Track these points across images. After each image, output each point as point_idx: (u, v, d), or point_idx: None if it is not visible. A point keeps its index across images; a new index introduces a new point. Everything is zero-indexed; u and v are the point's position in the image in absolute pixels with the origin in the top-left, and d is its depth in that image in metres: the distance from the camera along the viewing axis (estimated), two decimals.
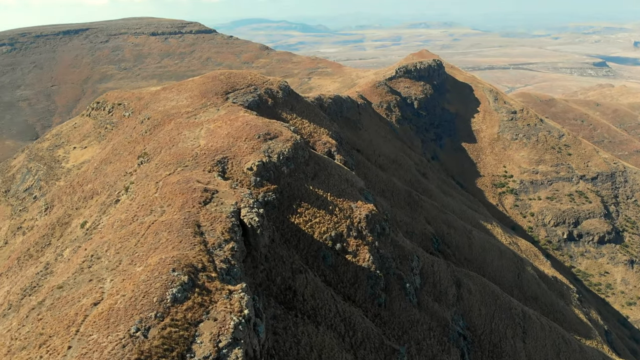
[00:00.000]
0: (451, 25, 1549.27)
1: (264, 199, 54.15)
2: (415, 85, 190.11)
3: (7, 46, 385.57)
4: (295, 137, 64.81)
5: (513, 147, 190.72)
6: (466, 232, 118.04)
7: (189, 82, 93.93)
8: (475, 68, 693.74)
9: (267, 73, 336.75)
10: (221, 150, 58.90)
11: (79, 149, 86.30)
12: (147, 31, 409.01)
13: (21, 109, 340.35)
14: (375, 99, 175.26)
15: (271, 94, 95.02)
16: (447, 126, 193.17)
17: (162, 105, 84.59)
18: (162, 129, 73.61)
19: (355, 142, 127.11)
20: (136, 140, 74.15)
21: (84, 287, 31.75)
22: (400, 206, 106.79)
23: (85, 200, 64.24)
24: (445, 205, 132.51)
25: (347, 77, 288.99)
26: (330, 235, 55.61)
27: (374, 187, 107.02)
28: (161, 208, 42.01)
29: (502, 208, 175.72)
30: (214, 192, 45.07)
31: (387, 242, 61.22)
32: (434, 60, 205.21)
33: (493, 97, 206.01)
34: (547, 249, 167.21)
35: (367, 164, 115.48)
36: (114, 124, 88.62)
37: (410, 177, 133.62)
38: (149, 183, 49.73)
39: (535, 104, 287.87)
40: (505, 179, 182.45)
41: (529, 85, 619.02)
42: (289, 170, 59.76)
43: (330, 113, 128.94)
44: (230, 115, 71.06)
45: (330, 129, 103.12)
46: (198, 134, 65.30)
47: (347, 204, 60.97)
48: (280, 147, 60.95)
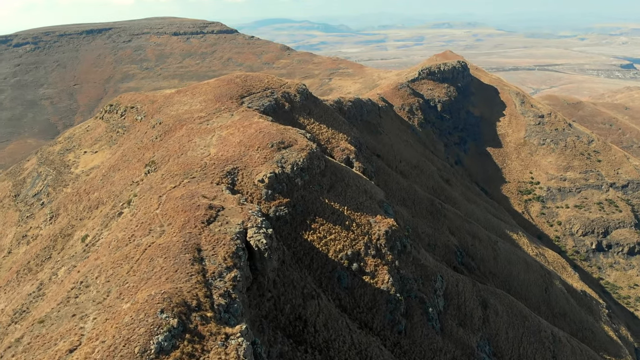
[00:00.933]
0: (475, 26, 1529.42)
1: (275, 213, 50.25)
2: (438, 87, 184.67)
3: (30, 45, 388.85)
4: (310, 145, 60.79)
5: (540, 152, 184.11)
6: (491, 243, 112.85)
7: (204, 85, 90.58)
8: (499, 69, 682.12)
9: (287, 74, 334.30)
10: (231, 160, 55.17)
11: (89, 153, 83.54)
12: (169, 31, 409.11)
13: (44, 107, 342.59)
14: (397, 101, 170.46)
15: (288, 97, 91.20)
16: (471, 130, 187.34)
17: (175, 109, 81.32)
18: (173, 134, 70.25)
19: (375, 147, 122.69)
20: (146, 146, 70.91)
21: (65, 325, 28.21)
22: (422, 216, 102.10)
23: (90, 210, 61.16)
24: (469, 214, 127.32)
25: (369, 78, 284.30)
26: (347, 253, 51.48)
27: (395, 195, 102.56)
28: (161, 227, 38.38)
29: (528, 216, 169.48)
30: (219, 210, 41.28)
31: (408, 260, 56.84)
32: (458, 61, 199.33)
33: (520, 101, 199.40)
34: (575, 259, 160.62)
35: (387, 170, 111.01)
36: (126, 128, 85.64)
37: (433, 183, 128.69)
38: (152, 197, 46.20)
39: (562, 107, 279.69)
40: (531, 186, 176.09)
41: (554, 87, 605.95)
42: (303, 182, 55.78)
43: (350, 117, 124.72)
44: (243, 122, 67.37)
45: (349, 134, 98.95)
46: (209, 142, 61.69)
47: (365, 218, 56.77)
48: (295, 157, 56.99)
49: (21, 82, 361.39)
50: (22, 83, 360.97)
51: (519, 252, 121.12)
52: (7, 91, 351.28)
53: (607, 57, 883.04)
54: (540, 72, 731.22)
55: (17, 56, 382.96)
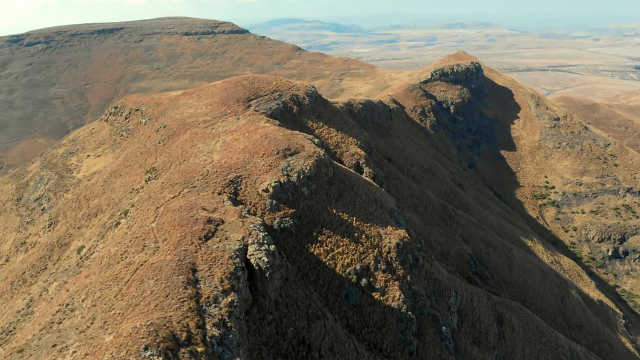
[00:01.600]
0: (488, 26, 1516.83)
1: (280, 225, 47.52)
2: (451, 89, 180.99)
3: (42, 44, 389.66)
4: (318, 152, 57.97)
5: (555, 156, 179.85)
6: (506, 250, 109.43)
7: (211, 87, 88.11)
8: (512, 69, 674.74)
9: (298, 74, 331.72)
10: (235, 167, 52.53)
11: (92, 157, 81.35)
12: (180, 31, 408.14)
13: (55, 107, 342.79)
14: (408, 103, 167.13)
15: (297, 100, 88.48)
16: (485, 132, 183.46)
17: (180, 112, 78.90)
18: (176, 139, 67.79)
19: (386, 150, 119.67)
20: (149, 151, 68.50)
21: (43, 359, 25.64)
22: (434, 223, 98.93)
23: (89, 218, 58.83)
24: (482, 220, 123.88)
25: (380, 79, 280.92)
26: (355, 268, 48.62)
27: (406, 201, 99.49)
28: (155, 244, 35.78)
29: (543, 221, 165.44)
30: (218, 224, 38.60)
31: (420, 275, 53.84)
32: (472, 62, 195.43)
33: (535, 103, 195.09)
34: (590, 266, 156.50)
35: (398, 174, 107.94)
36: (130, 131, 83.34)
37: (446, 188, 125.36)
38: (150, 208, 43.66)
39: (577, 109, 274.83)
40: (546, 190, 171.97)
41: (568, 88, 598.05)
42: (310, 192, 52.99)
43: (360, 119, 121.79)
44: (249, 126, 64.73)
45: (359, 137, 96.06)
46: (213, 148, 59.11)
47: (375, 229, 53.88)
48: (301, 165, 54.21)
49: (32, 82, 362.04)
50: (34, 82, 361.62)
51: (534, 260, 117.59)
52: (18, 90, 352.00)
53: (621, 58, 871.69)
54: (554, 72, 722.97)
55: (29, 55, 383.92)
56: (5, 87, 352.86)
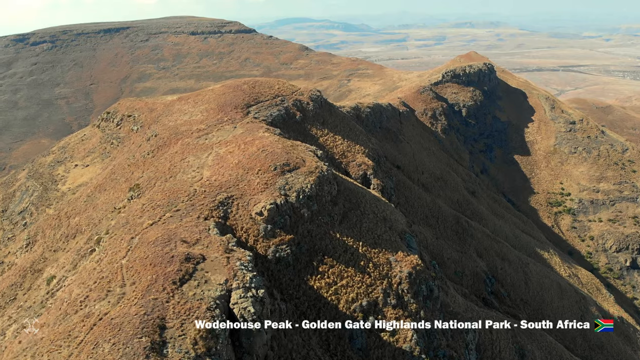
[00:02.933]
0: (498, 25, 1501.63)
1: (275, 255, 41.61)
2: (463, 91, 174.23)
3: (48, 43, 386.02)
4: (321, 167, 51.95)
5: (571, 161, 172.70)
6: (522, 265, 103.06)
7: (208, 91, 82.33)
8: (522, 69, 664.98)
9: (305, 74, 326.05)
10: (226, 186, 46.68)
11: (80, 167, 75.85)
12: (187, 30, 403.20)
13: (59, 107, 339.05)
14: (419, 105, 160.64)
15: (300, 106, 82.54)
16: (498, 136, 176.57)
17: (173, 119, 73.19)
18: (166, 150, 62.05)
19: (395, 157, 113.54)
20: (137, 163, 62.78)
21: None
22: (447, 236, 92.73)
23: (67, 239, 53.27)
24: (497, 231, 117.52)
25: (389, 80, 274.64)
26: (361, 304, 42.61)
27: (417, 213, 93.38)
28: (121, 288, 30.01)
29: (558, 230, 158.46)
30: (198, 261, 32.74)
31: (435, 308, 47.73)
32: (484, 63, 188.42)
33: (549, 106, 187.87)
34: (608, 277, 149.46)
35: (408, 183, 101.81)
36: (121, 139, 77.65)
37: (458, 196, 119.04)
38: (124, 237, 37.89)
39: (591, 111, 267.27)
40: (562, 197, 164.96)
41: (579, 89, 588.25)
42: (311, 213, 47.04)
43: (368, 124, 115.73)
44: (246, 137, 58.84)
45: (367, 145, 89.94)
46: (204, 162, 53.29)
47: (384, 256, 47.86)
48: (301, 183, 48.26)
49: (37, 81, 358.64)
50: (39, 82, 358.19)
51: (552, 275, 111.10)
52: (23, 90, 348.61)
53: (632, 58, 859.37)
54: (565, 73, 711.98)
55: (34, 55, 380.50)
56: (9, 86, 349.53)
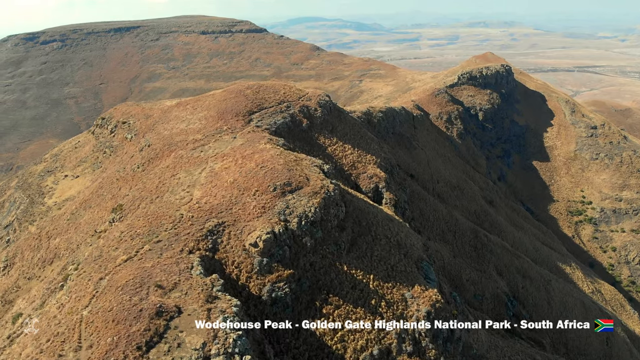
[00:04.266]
0: (512, 25, 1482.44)
1: (271, 295, 35.60)
2: (480, 94, 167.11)
3: (58, 42, 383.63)
4: (326, 186, 45.80)
5: (593, 168, 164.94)
6: (544, 282, 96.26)
7: (209, 97, 76.52)
8: (537, 70, 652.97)
9: (316, 75, 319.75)
10: (218, 210, 40.74)
11: (69, 178, 70.46)
12: (197, 30, 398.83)
13: (68, 106, 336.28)
14: (433, 109, 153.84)
15: (307, 112, 76.46)
16: (516, 141, 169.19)
17: (169, 127, 67.43)
18: (157, 163, 56.27)
19: (409, 165, 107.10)
20: (125, 177, 57.10)
21: None
22: (464, 253, 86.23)
23: (44, 265, 47.79)
24: (516, 244, 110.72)
25: (402, 80, 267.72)
26: (372, 353, 36.44)
27: (432, 227, 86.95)
28: (75, 353, 24.19)
29: (579, 240, 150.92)
30: (172, 316, 26.84)
31: (456, 352, 41.39)
32: (502, 65, 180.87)
33: (570, 109, 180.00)
34: (630, 291, 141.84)
35: (422, 194, 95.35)
36: (114, 148, 72.05)
37: (476, 207, 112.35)
38: (92, 277, 32.11)
39: (609, 113, 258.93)
40: (582, 206, 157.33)
41: (594, 90, 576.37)
42: (314, 242, 40.94)
43: (380, 130, 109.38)
44: (245, 149, 52.86)
45: (379, 154, 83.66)
46: (195, 179, 47.41)
47: (398, 292, 41.66)
48: (304, 206, 42.17)
49: (47, 81, 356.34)
50: (48, 81, 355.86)
51: (575, 292, 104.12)
52: (32, 89, 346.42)
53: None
54: (580, 73, 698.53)
55: (44, 54, 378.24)
56: (18, 85, 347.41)
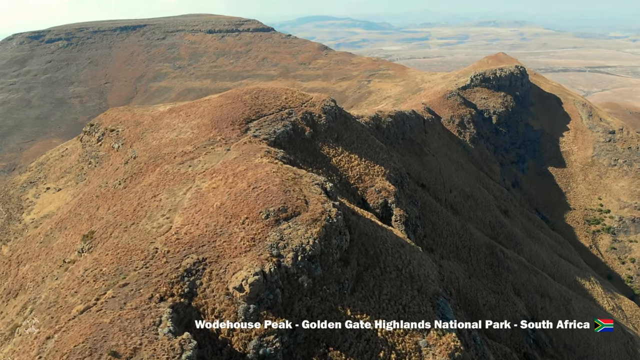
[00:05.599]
0: (522, 24, 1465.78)
1: (258, 352, 29.52)
2: (494, 97, 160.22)
3: (63, 41, 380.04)
4: (328, 211, 39.61)
5: (611, 174, 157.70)
6: (564, 302, 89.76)
7: (204, 102, 70.54)
8: (548, 70, 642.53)
9: (324, 75, 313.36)
10: (199, 243, 34.70)
11: (52, 191, 64.84)
12: (204, 28, 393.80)
13: (72, 106, 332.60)
14: (445, 112, 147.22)
15: (310, 119, 70.38)
16: (530, 146, 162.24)
17: (159, 137, 61.53)
18: (140, 180, 50.39)
19: (420, 173, 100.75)
20: (105, 195, 51.28)
21: None
22: (480, 271, 79.82)
23: (8, 298, 42.15)
24: (533, 258, 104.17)
25: (411, 81, 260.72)
26: None
27: (445, 243, 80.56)
28: None
29: (597, 251, 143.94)
30: None
31: None
32: (516, 66, 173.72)
33: (587, 113, 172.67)
34: None
35: (434, 206, 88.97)
36: (99, 158, 66.24)
37: (490, 218, 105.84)
38: (40, 334, 26.23)
39: (624, 116, 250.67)
40: (600, 215, 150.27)
41: (606, 90, 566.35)
42: (312, 282, 34.82)
43: (390, 136, 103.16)
44: (238, 164, 46.83)
45: (388, 164, 77.35)
46: (179, 201, 41.45)
47: (411, 340, 35.50)
48: (301, 237, 36.04)
49: (52, 80, 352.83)
50: (53, 80, 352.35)
51: (596, 311, 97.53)
52: (36, 88, 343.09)
53: None
54: (591, 74, 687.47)
55: (49, 52, 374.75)
56: (23, 84, 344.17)
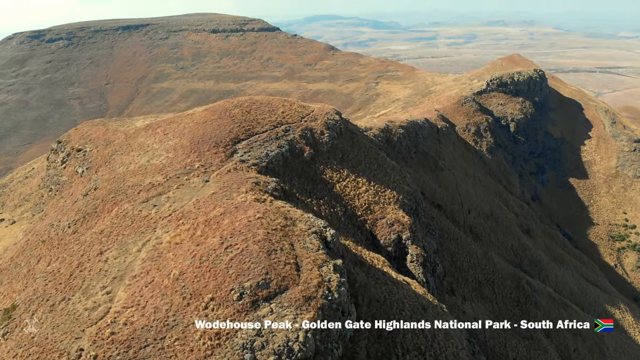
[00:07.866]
0: (531, 24, 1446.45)
1: None
2: (512, 102, 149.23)
3: (64, 40, 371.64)
4: (328, 281, 29.25)
5: (636, 187, 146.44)
6: (597, 341, 79.21)
7: (186, 117, 60.13)
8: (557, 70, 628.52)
9: (330, 76, 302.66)
10: (141, 342, 24.45)
11: (5, 223, 54.95)
12: (208, 28, 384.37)
13: (72, 107, 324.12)
14: (460, 119, 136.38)
15: (311, 137, 60.01)
16: (550, 156, 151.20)
17: (127, 161, 51.31)
18: (93, 223, 40.21)
19: (435, 192, 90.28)
20: (52, 240, 41.21)
21: None
22: (507, 311, 69.40)
23: None
24: (560, 285, 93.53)
25: (421, 83, 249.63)
26: None
27: (466, 278, 70.05)
28: None
29: (622, 270, 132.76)
30: None
31: None
32: (535, 70, 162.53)
33: (610, 120, 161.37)
34: None
35: (452, 231, 78.53)
36: (61, 185, 56.04)
37: (513, 241, 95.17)
38: None
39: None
40: (625, 230, 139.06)
41: (617, 91, 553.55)
42: None
43: (401, 149, 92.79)
44: (213, 206, 36.60)
45: (401, 187, 66.74)
46: (129, 264, 31.22)
47: None
48: (286, 332, 25.61)
49: (51, 80, 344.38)
50: (52, 81, 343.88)
51: (630, 348, 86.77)
52: (35, 89, 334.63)
53: None
54: (602, 74, 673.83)
55: (49, 52, 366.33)
56: (22, 85, 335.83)
